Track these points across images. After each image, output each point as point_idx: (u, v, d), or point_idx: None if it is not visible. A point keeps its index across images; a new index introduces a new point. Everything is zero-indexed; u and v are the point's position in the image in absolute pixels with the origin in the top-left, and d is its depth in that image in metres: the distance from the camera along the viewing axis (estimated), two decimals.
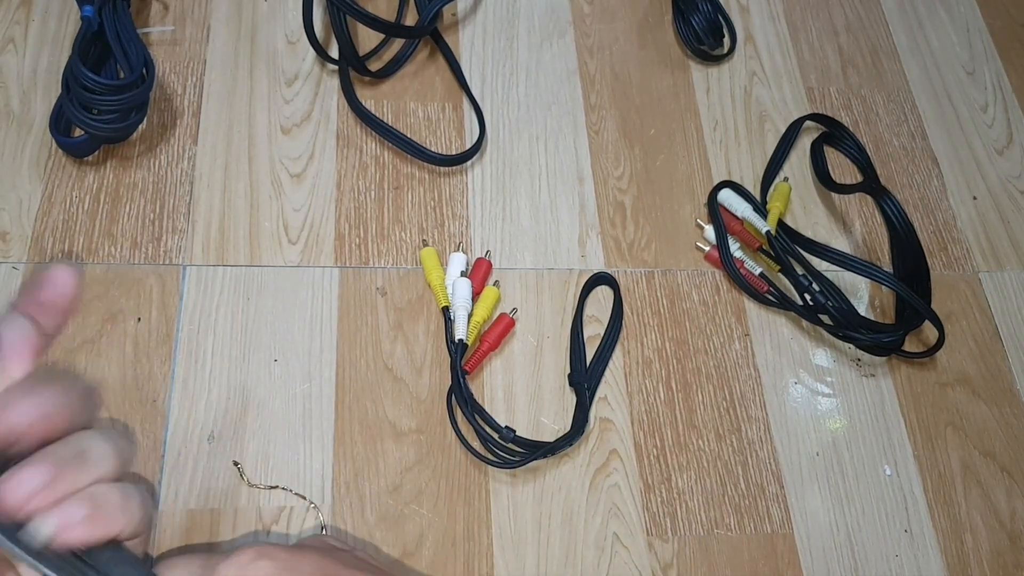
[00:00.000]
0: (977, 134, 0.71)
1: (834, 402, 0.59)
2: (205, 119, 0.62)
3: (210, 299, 0.55)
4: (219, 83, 0.63)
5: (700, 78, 0.70)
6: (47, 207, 0.57)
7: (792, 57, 0.73)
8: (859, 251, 0.64)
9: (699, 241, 0.63)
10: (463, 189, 0.62)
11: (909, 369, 0.60)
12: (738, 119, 0.69)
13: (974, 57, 0.76)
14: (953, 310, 0.63)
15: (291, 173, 0.61)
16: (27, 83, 0.61)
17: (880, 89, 0.72)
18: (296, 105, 0.63)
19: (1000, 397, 0.60)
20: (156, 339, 0.54)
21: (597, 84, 0.68)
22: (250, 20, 0.66)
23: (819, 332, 0.60)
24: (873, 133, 0.70)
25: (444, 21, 0.69)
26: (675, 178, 0.65)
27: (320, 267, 0.58)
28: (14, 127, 0.59)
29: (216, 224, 0.58)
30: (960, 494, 0.57)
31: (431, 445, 0.53)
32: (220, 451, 0.51)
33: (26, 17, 0.63)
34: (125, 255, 0.56)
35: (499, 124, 0.65)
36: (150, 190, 0.59)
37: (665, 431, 0.56)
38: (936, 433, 0.58)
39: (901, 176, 0.68)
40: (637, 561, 0.52)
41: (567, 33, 0.70)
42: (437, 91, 0.66)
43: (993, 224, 0.67)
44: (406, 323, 0.57)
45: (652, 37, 0.72)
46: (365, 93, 0.65)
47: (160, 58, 0.63)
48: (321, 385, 0.54)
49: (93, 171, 0.59)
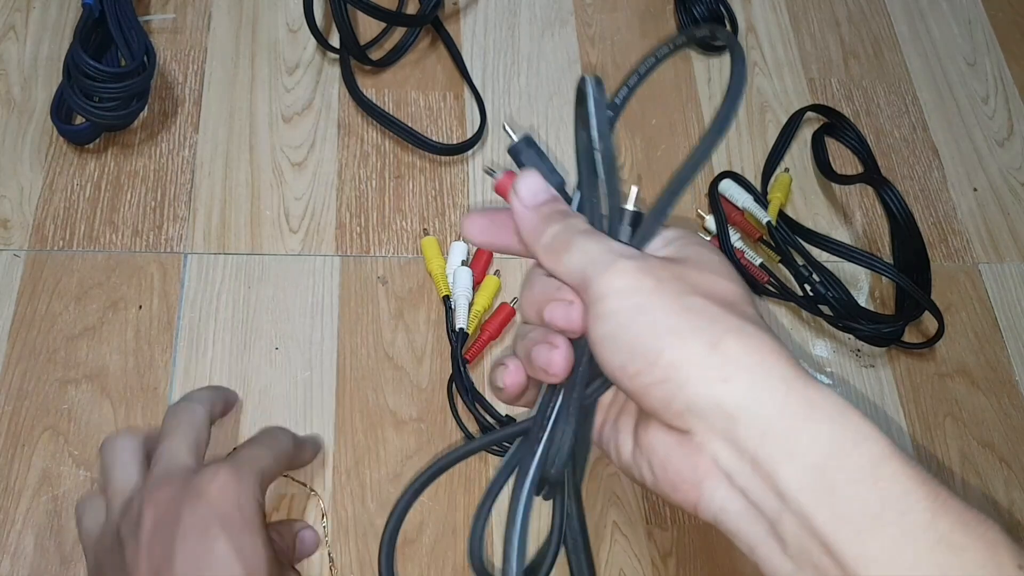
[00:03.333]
0: (978, 125, 0.71)
1: None
2: (206, 107, 0.62)
3: (211, 287, 0.56)
4: (220, 71, 0.63)
5: (701, 68, 0.70)
6: (48, 195, 0.57)
7: (794, 48, 0.73)
8: (859, 242, 0.64)
9: (700, 231, 0.63)
10: (464, 178, 0.62)
11: (908, 360, 0.60)
12: (739, 109, 0.68)
13: (975, 48, 0.75)
14: (953, 301, 0.63)
15: (292, 162, 0.61)
16: (28, 70, 0.61)
17: (881, 80, 0.72)
18: (297, 94, 0.63)
19: (999, 388, 0.60)
20: (157, 327, 0.54)
21: (598, 74, 0.68)
22: (251, 8, 0.66)
23: (819, 322, 0.60)
24: (874, 124, 0.70)
25: (445, 10, 0.69)
26: (676, 168, 0.65)
27: (321, 255, 0.58)
28: (15, 115, 0.59)
29: (217, 212, 0.58)
30: (958, 484, 0.57)
31: (431, 433, 0.53)
32: (222, 438, 0.51)
33: (27, 4, 0.63)
34: (126, 243, 0.56)
35: (500, 113, 0.65)
36: (151, 178, 0.59)
37: None
38: (935, 423, 0.59)
39: (902, 167, 0.68)
40: (636, 549, 0.52)
41: (568, 23, 0.70)
42: (438, 80, 0.66)
43: (993, 216, 0.67)
44: (407, 312, 0.57)
45: (654, 27, 0.71)
46: (366, 82, 0.65)
47: (161, 46, 0.63)
48: (322, 373, 0.54)
49: (94, 159, 0.59)
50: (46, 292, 0.54)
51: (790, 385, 0.28)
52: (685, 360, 0.28)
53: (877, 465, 0.27)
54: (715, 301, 0.29)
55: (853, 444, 0.27)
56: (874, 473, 0.26)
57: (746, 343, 0.28)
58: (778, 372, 0.28)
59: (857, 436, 0.27)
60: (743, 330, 0.28)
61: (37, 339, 0.53)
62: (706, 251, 0.32)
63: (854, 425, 0.27)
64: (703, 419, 0.28)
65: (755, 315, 0.30)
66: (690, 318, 0.28)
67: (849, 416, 0.27)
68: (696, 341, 0.28)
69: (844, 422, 0.27)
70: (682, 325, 0.28)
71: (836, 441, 0.27)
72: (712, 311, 0.29)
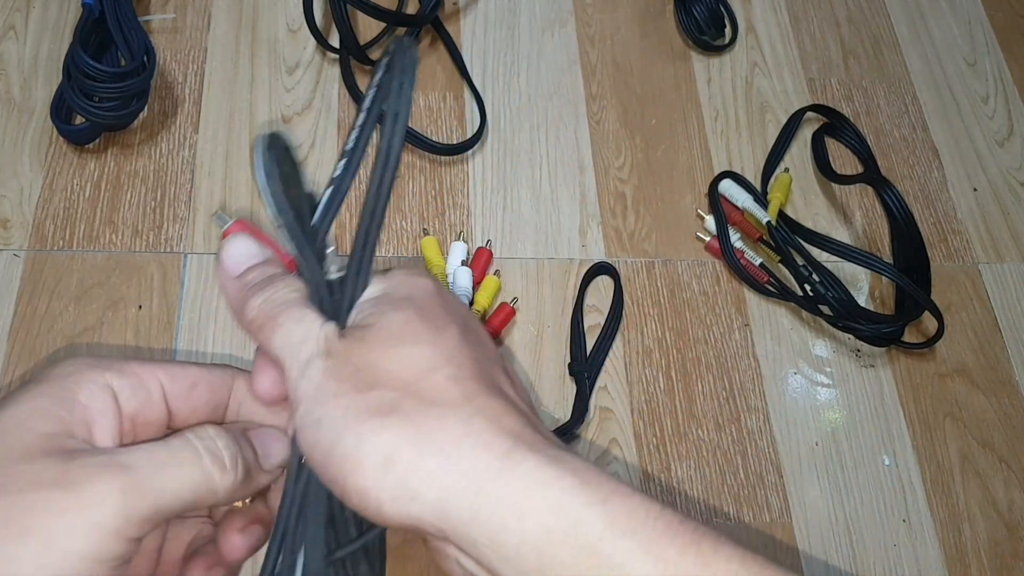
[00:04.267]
0: (978, 125, 0.71)
1: (833, 392, 0.59)
2: (206, 107, 0.62)
3: (211, 287, 0.55)
4: (220, 71, 0.63)
5: (701, 68, 0.70)
6: (48, 194, 0.57)
7: (793, 48, 0.73)
8: (859, 242, 0.64)
9: (699, 231, 0.63)
10: (464, 178, 0.62)
11: (908, 360, 0.60)
12: (739, 109, 0.68)
13: (975, 48, 0.75)
14: (953, 301, 0.63)
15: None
16: (28, 70, 0.61)
17: (881, 80, 0.72)
18: (297, 94, 0.63)
19: (999, 388, 0.60)
20: (157, 327, 0.54)
21: (598, 74, 0.68)
22: (251, 8, 0.66)
23: (819, 323, 0.60)
24: (874, 124, 0.70)
25: (445, 10, 0.69)
26: (676, 168, 0.65)
27: None
28: (15, 114, 0.59)
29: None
30: (958, 484, 0.57)
31: None
32: None
33: (27, 4, 0.63)
34: (126, 243, 0.56)
35: (500, 113, 0.65)
36: (151, 178, 0.59)
37: (665, 420, 0.56)
38: (935, 423, 0.59)
39: (902, 167, 0.68)
40: None
41: (568, 22, 0.70)
42: (438, 80, 0.66)
43: (993, 216, 0.67)
44: None
45: (654, 27, 0.71)
46: (366, 82, 0.64)
47: (161, 46, 0.63)
48: None
49: (94, 159, 0.59)
50: (46, 292, 0.54)
51: (483, 476, 0.25)
52: (368, 487, 0.25)
53: (589, 551, 0.25)
54: (392, 387, 0.26)
55: (562, 534, 0.25)
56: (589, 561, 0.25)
57: (423, 445, 0.25)
58: (468, 465, 0.25)
59: (566, 521, 0.25)
60: (422, 425, 0.26)
61: (37, 339, 0.53)
62: (390, 310, 0.29)
63: (562, 504, 0.25)
64: (424, 532, 0.26)
65: (448, 378, 0.27)
66: (362, 433, 0.26)
67: (552, 489, 0.25)
68: (371, 463, 0.25)
69: (551, 502, 0.25)
70: (356, 445, 0.26)
71: (543, 534, 0.25)
72: (386, 410, 0.26)
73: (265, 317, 0.29)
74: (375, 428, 0.26)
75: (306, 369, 0.27)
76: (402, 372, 0.27)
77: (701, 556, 0.25)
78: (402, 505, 0.25)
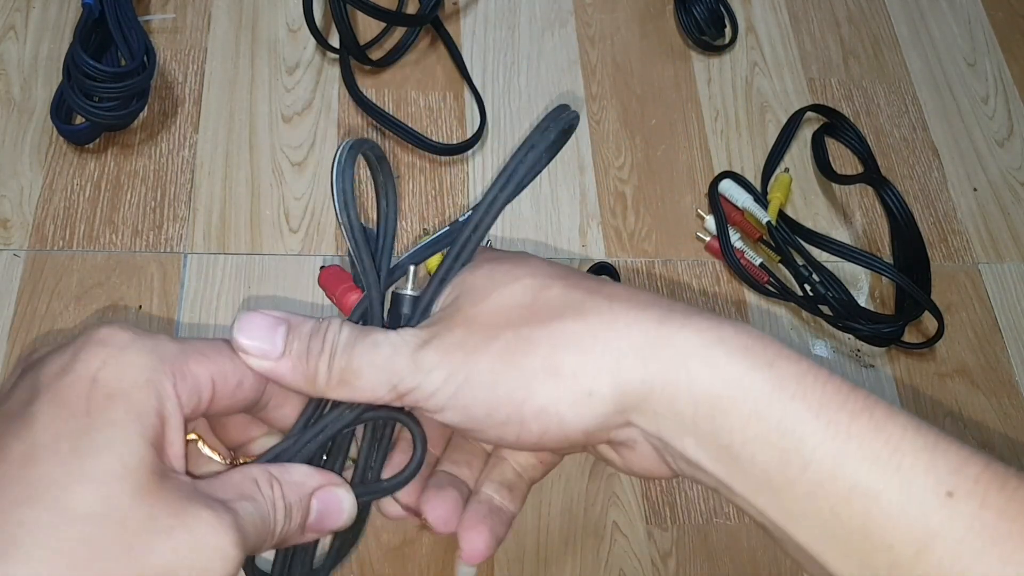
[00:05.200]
0: (978, 125, 0.71)
1: None
2: (206, 107, 0.62)
3: (211, 287, 0.55)
4: (220, 71, 0.63)
5: (701, 68, 0.70)
6: (48, 194, 0.57)
7: (793, 48, 0.73)
8: (859, 242, 0.64)
9: (699, 231, 0.63)
10: (464, 178, 0.62)
11: (908, 360, 0.60)
12: (739, 109, 0.68)
13: (975, 48, 0.75)
14: (953, 301, 0.63)
15: (292, 162, 0.61)
16: (28, 70, 0.61)
17: (881, 80, 0.72)
18: (297, 94, 0.63)
19: (999, 388, 0.60)
20: (157, 327, 0.54)
21: (598, 74, 0.68)
22: (251, 8, 0.66)
23: (819, 322, 0.60)
24: (874, 124, 0.70)
25: (445, 10, 0.69)
26: (676, 168, 0.65)
27: (321, 255, 0.58)
28: (15, 114, 0.59)
29: (217, 212, 0.58)
30: None
31: None
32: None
33: (27, 4, 0.63)
34: (126, 243, 0.56)
35: (500, 113, 0.65)
36: (151, 178, 0.59)
37: None
38: (935, 423, 0.58)
39: (902, 167, 0.68)
40: (636, 549, 0.52)
41: (568, 22, 0.70)
42: (438, 80, 0.66)
43: (993, 216, 0.67)
44: None
45: (654, 27, 0.71)
46: (366, 82, 0.65)
47: (161, 46, 0.63)
48: None
49: (94, 159, 0.59)
50: (46, 292, 0.54)
51: (645, 349, 0.26)
52: (545, 404, 0.26)
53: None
54: (514, 320, 0.27)
55: (729, 400, 0.25)
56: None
57: (576, 344, 0.26)
58: (626, 344, 0.26)
59: (731, 386, 0.25)
60: (565, 330, 0.26)
61: (37, 339, 0.53)
62: (465, 283, 0.29)
63: (726, 369, 0.25)
64: (608, 430, 0.27)
65: (563, 288, 0.28)
66: (515, 363, 0.26)
67: (715, 352, 0.25)
68: (539, 382, 0.26)
69: (714, 367, 0.25)
70: (517, 376, 0.26)
71: (713, 400, 0.25)
72: (524, 337, 0.27)
73: (342, 371, 0.27)
74: (525, 351, 0.26)
75: (415, 370, 0.27)
76: (516, 306, 0.27)
77: (874, 421, 0.25)
78: (582, 406, 0.26)
